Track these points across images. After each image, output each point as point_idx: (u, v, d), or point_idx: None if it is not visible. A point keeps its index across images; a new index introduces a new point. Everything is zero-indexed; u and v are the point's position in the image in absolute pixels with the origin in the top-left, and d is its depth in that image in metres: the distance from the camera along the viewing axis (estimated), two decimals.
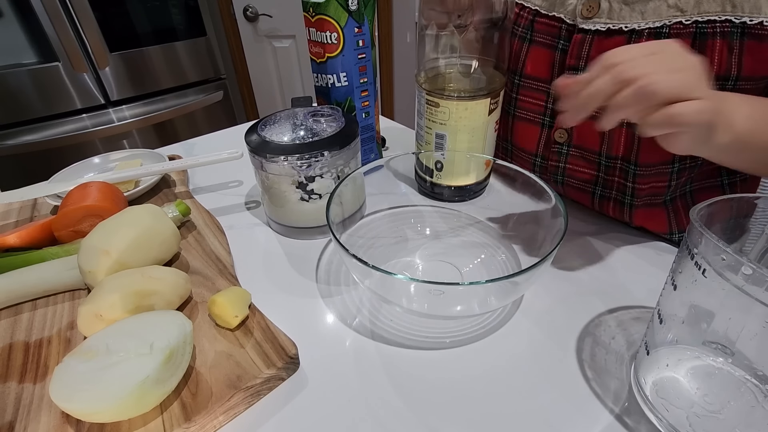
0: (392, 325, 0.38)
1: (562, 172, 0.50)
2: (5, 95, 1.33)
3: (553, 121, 0.48)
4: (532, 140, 0.51)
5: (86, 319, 0.33)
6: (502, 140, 0.56)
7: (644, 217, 0.47)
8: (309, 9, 0.49)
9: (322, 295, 0.42)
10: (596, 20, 0.42)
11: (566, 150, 0.48)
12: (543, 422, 0.30)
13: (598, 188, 0.48)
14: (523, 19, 0.48)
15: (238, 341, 0.35)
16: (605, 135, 0.45)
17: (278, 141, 0.44)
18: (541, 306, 0.40)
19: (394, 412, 0.31)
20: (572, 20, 0.44)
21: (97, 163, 0.62)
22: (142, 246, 0.40)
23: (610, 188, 0.47)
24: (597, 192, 0.49)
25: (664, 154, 0.36)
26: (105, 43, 1.43)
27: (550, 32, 0.46)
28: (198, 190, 0.60)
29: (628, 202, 0.47)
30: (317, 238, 0.49)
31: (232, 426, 0.31)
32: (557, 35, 0.45)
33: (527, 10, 0.48)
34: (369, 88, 0.55)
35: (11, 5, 1.26)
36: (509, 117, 0.52)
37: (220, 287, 0.40)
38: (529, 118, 0.50)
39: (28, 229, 0.46)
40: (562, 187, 0.51)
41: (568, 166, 0.49)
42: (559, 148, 0.48)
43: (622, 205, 0.47)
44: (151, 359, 0.28)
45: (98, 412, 0.27)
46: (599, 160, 0.46)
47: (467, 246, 0.48)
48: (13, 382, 0.33)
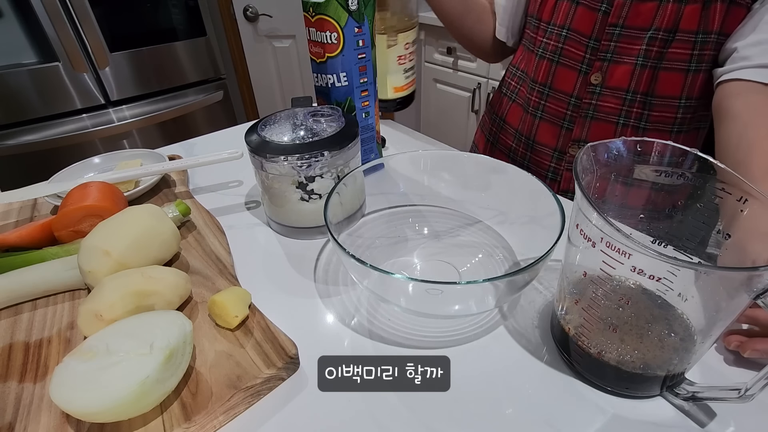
0: (390, 325, 0.38)
1: (594, 108, 0.60)
2: (5, 95, 1.33)
3: (590, 68, 0.59)
4: (570, 83, 0.61)
5: (86, 319, 0.33)
6: (540, 84, 0.65)
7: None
8: (309, 9, 0.49)
9: (321, 295, 0.42)
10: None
11: (600, 90, 0.59)
12: (543, 422, 0.30)
13: (621, 118, 0.59)
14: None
15: (238, 341, 0.35)
16: (633, 75, 0.57)
17: (278, 141, 0.44)
18: (540, 305, 0.40)
19: (393, 411, 0.31)
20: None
21: (97, 163, 0.62)
22: (142, 246, 0.40)
23: (629, 117, 0.59)
24: (620, 122, 0.59)
25: (675, 89, 0.55)
26: (105, 43, 1.43)
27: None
28: (198, 190, 0.60)
29: (642, 127, 0.59)
30: (317, 238, 0.49)
31: (232, 426, 0.31)
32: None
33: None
34: (369, 88, 0.55)
35: (11, 5, 1.26)
36: (553, 64, 0.63)
37: (220, 287, 0.41)
38: (570, 65, 0.61)
39: (28, 229, 0.46)
40: (590, 121, 0.61)
41: (599, 104, 0.60)
42: (593, 89, 0.59)
43: (636, 130, 0.59)
44: (151, 359, 0.29)
45: (98, 412, 0.27)
46: (625, 96, 0.58)
47: (465, 245, 0.48)
48: (13, 382, 0.33)
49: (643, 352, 0.29)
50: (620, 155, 0.32)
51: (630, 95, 0.57)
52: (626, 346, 0.29)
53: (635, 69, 0.56)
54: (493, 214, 0.50)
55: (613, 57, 0.57)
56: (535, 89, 0.66)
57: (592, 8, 0.57)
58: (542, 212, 0.40)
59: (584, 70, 0.60)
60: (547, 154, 0.67)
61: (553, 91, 0.64)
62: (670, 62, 0.54)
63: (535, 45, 0.65)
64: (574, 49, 0.60)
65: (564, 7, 0.60)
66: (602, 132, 0.61)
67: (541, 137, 0.67)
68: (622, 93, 0.58)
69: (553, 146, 0.66)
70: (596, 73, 0.59)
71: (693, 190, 0.31)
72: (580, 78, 0.60)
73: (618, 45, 0.56)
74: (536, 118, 0.67)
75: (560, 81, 0.63)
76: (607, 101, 0.59)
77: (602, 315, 0.30)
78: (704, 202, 0.30)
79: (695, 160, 0.30)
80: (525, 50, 0.69)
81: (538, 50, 0.65)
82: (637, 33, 0.55)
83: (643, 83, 0.56)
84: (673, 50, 0.53)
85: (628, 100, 0.58)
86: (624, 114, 0.59)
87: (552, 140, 0.66)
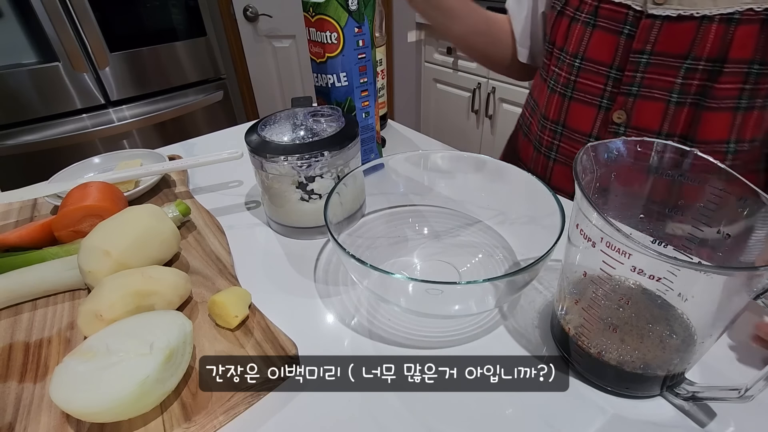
0: (390, 325, 0.38)
1: None
2: (5, 95, 1.33)
3: (611, 102, 0.49)
4: (587, 121, 0.52)
5: (86, 319, 0.33)
6: (551, 122, 0.56)
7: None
8: (309, 9, 0.49)
9: (321, 295, 0.42)
10: (667, 6, 0.43)
11: (623, 131, 0.49)
12: (543, 422, 0.30)
13: None
14: (586, 5, 0.49)
15: (238, 341, 0.35)
16: (666, 114, 0.46)
17: (278, 141, 0.44)
18: (540, 305, 0.40)
19: (393, 411, 0.31)
20: (641, 6, 0.45)
21: (97, 163, 0.62)
22: (142, 246, 0.40)
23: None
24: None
25: (722, 131, 0.43)
26: (105, 43, 1.43)
27: (615, 18, 0.47)
28: (198, 190, 0.60)
29: (677, 179, 0.48)
30: (317, 238, 0.49)
31: (232, 426, 0.31)
32: (623, 21, 0.46)
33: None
34: (369, 88, 0.55)
35: (11, 5, 1.26)
36: (565, 99, 0.53)
37: (220, 287, 0.41)
38: (587, 100, 0.51)
39: (28, 229, 0.46)
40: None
41: None
42: (616, 129, 0.50)
43: (672, 180, 0.49)
44: (151, 359, 0.29)
45: (98, 412, 0.27)
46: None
47: (465, 245, 0.48)
48: (13, 382, 0.33)
49: (643, 352, 0.29)
50: (620, 155, 0.32)
51: (663, 138, 0.47)
52: (626, 346, 0.29)
53: (669, 107, 0.46)
54: (493, 214, 0.50)
55: (640, 91, 0.47)
56: (547, 127, 0.57)
57: (612, 31, 0.47)
58: (542, 212, 0.40)
59: (605, 106, 0.50)
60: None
61: (567, 130, 0.54)
62: (715, 100, 0.43)
63: (548, 74, 0.56)
64: (591, 81, 0.50)
65: (577, 31, 0.50)
66: None
67: (557, 181, 0.58)
68: (652, 136, 0.47)
69: (571, 192, 0.56)
70: (619, 110, 0.49)
71: (694, 190, 0.31)
72: (600, 115, 0.50)
73: (646, 76, 0.46)
74: (549, 159, 0.58)
75: (575, 119, 0.53)
76: None
77: (602, 315, 0.30)
78: (704, 202, 0.30)
79: (695, 160, 0.30)
80: (540, 77, 0.60)
81: (549, 81, 0.56)
82: (670, 62, 0.44)
83: (680, 124, 0.46)
84: (721, 85, 0.43)
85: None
86: None
87: (570, 185, 0.56)
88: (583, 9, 0.49)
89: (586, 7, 0.49)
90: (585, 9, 0.49)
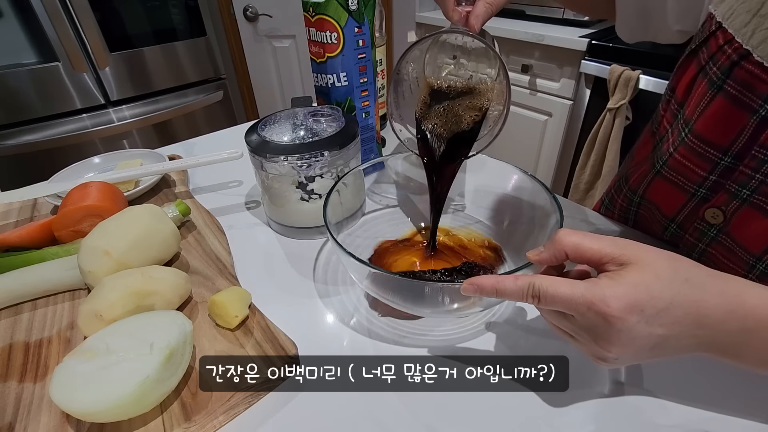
0: (390, 325, 0.38)
1: (699, 253, 0.39)
2: (5, 95, 1.33)
3: (710, 194, 0.37)
4: (673, 205, 0.41)
5: (86, 319, 0.33)
6: (629, 190, 0.45)
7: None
8: (309, 9, 0.49)
9: (321, 295, 0.42)
10: None
11: (714, 234, 0.38)
12: (543, 422, 0.30)
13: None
14: (724, 56, 0.33)
15: (238, 341, 0.35)
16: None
17: (278, 141, 0.44)
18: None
19: (393, 411, 0.31)
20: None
21: (97, 163, 0.62)
22: (142, 246, 0.40)
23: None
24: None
25: None
26: (105, 43, 1.43)
27: (754, 87, 0.31)
28: (198, 190, 0.60)
29: None
30: (317, 238, 0.49)
31: (232, 426, 0.31)
32: (764, 95, 0.31)
33: (734, 47, 0.32)
34: (369, 88, 0.55)
35: (11, 5, 1.26)
36: (652, 171, 0.41)
37: (220, 287, 0.41)
38: (679, 184, 0.39)
39: (28, 229, 0.46)
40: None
41: (711, 251, 0.39)
42: (706, 229, 0.38)
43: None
44: (151, 359, 0.29)
45: (98, 412, 0.27)
46: (753, 262, 0.35)
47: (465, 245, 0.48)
48: (13, 382, 0.33)
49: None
50: None
51: (763, 265, 0.35)
52: None
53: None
54: (493, 214, 0.50)
55: (753, 197, 0.33)
56: (623, 191, 0.47)
57: (740, 103, 0.32)
58: (542, 212, 0.40)
59: (701, 196, 0.38)
60: None
61: (645, 201, 0.44)
62: None
63: (658, 129, 0.42)
64: (692, 164, 0.37)
65: (701, 89, 0.35)
66: None
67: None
68: (750, 257, 0.35)
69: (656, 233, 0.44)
70: (716, 208, 0.37)
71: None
72: (690, 205, 0.39)
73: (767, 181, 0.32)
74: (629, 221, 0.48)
75: (658, 195, 0.42)
76: (720, 253, 0.38)
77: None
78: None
79: None
80: (650, 130, 0.45)
81: (658, 140, 0.42)
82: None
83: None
84: None
85: (760, 271, 0.35)
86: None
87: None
88: (717, 60, 0.33)
89: (723, 58, 0.33)
90: (720, 61, 0.33)
